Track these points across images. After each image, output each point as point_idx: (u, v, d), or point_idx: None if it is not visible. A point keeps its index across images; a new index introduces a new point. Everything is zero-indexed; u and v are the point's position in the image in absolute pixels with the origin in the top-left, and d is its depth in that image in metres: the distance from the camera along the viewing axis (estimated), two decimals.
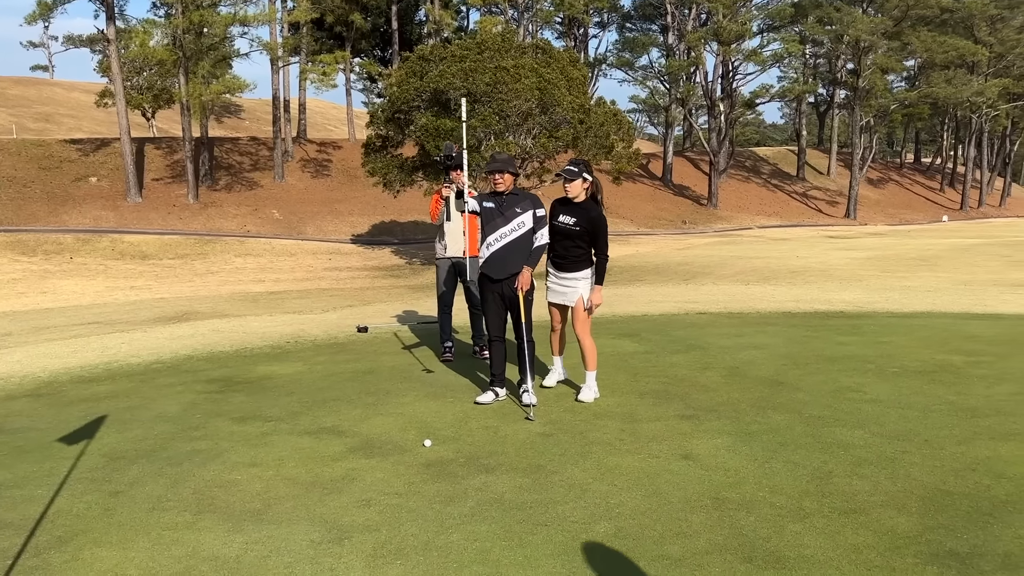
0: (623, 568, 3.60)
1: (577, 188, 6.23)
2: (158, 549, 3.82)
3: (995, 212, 64.78)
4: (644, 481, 4.62)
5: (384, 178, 30.09)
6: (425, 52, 29.33)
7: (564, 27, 56.22)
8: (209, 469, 4.89)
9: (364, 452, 5.16)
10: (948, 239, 36.92)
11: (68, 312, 20.31)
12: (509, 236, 6.08)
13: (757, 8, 51.74)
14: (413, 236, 39.66)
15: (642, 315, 10.66)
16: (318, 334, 9.64)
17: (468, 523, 4.08)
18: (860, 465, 4.82)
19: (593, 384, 6.40)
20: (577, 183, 6.21)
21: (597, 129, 26.18)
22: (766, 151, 68.80)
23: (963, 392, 6.45)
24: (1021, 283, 17.16)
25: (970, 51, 54.78)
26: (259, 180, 43.61)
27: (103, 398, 6.70)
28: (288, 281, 29.23)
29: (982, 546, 3.75)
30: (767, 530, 3.95)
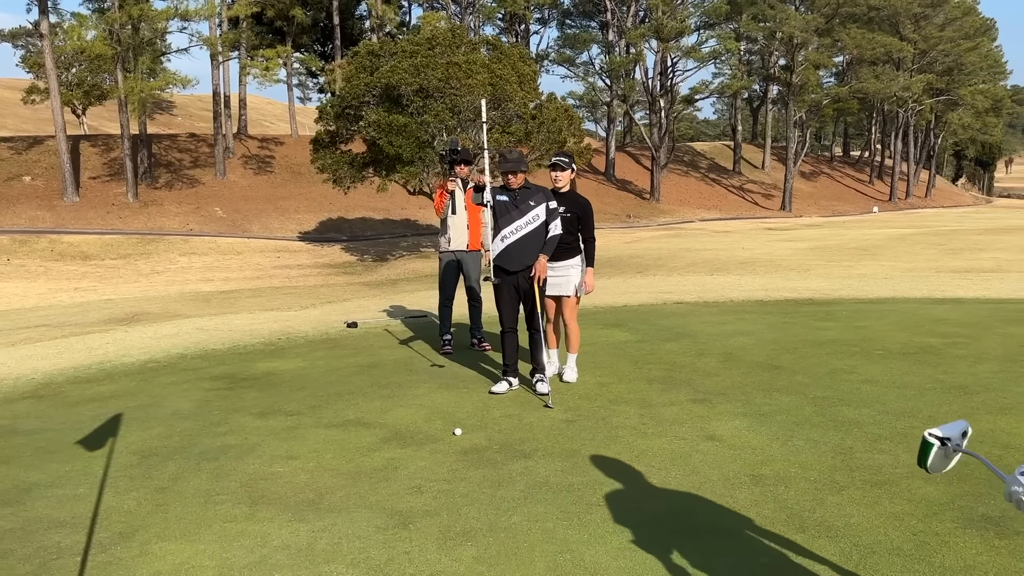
0: (684, 541, 3.76)
1: (566, 178, 6.69)
2: (225, 541, 3.85)
3: (922, 203, 67.18)
4: (678, 462, 4.80)
5: (334, 174, 29.78)
6: (375, 47, 29.16)
7: (506, 23, 56.33)
8: (248, 463, 4.91)
9: (398, 442, 5.24)
10: (883, 229, 38.19)
11: (12, 315, 19.65)
12: (524, 229, 6.22)
13: (694, 5, 52.60)
14: (362, 233, 39.37)
15: (622, 306, 10.89)
16: (307, 330, 9.61)
17: (524, 505, 4.20)
18: (877, 441, 5.09)
19: (574, 365, 6.79)
20: (567, 173, 6.69)
21: (549, 124, 26.40)
22: (703, 146, 70.06)
23: (949, 371, 6.80)
24: (962, 269, 17.91)
25: (896, 47, 56.74)
26: (200, 177, 42.73)
27: (108, 398, 6.61)
28: (238, 280, 28.76)
29: (1010, 509, 4.01)
30: (810, 502, 4.17)
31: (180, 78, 37.59)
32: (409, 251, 34.63)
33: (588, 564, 3.56)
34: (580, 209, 6.63)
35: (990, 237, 29.58)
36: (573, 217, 6.60)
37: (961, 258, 21.86)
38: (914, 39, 59.63)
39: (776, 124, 70.20)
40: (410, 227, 41.20)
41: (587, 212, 6.68)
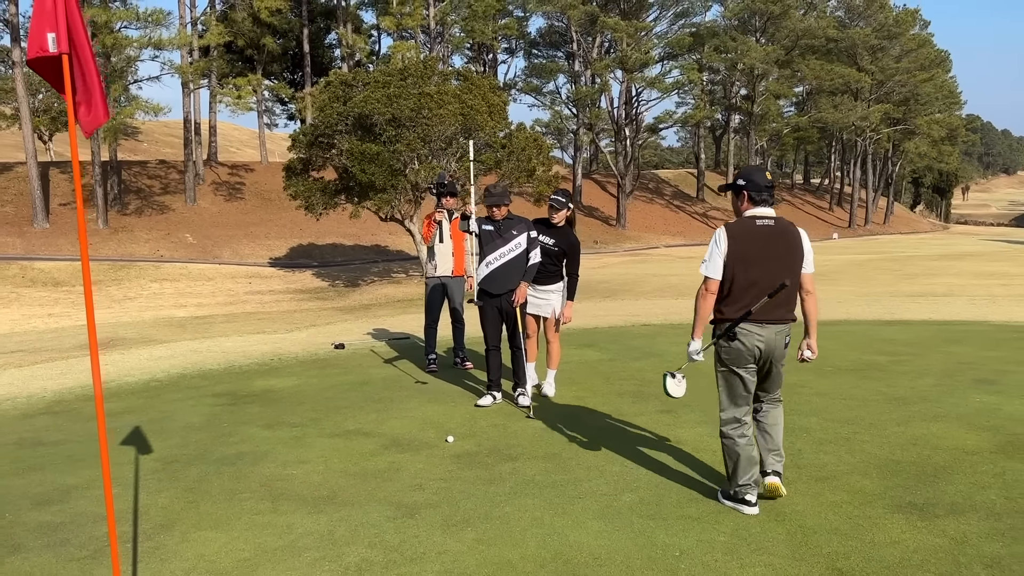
0: (655, 525, 4.38)
1: (562, 216, 7.27)
2: (256, 529, 4.40)
3: (880, 229, 69.03)
4: (649, 462, 5.43)
5: (307, 201, 30.18)
6: (348, 78, 29.78)
7: (474, 52, 57.38)
8: (263, 467, 5.45)
9: (396, 448, 5.81)
10: (841, 255, 39.40)
11: None
12: (507, 256, 6.85)
13: (658, 37, 54.05)
14: (333, 258, 39.77)
15: (593, 327, 11.55)
16: (297, 351, 10.14)
17: (514, 498, 4.80)
18: (822, 444, 5.76)
19: (553, 380, 7.47)
20: (563, 212, 7.26)
21: (519, 153, 27.16)
22: (667, 173, 71.49)
23: (892, 385, 7.53)
24: (915, 294, 18.85)
25: (854, 78, 58.67)
26: (170, 204, 42.92)
27: (120, 413, 7.10)
28: (211, 305, 29.01)
29: (933, 498, 4.69)
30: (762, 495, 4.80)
31: (152, 106, 37.86)
32: (380, 276, 35.10)
33: (572, 543, 4.16)
34: (568, 247, 7.23)
35: (944, 263, 30.76)
36: (560, 252, 7.23)
37: (915, 283, 22.86)
38: (871, 70, 61.64)
39: (738, 152, 71.82)
40: (381, 253, 41.70)
41: (575, 250, 7.28)
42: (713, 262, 4.56)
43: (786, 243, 4.60)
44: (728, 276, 4.53)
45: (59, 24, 2.51)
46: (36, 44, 2.55)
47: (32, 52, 2.57)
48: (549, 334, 7.42)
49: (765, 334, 4.58)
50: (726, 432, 4.71)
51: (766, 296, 4.46)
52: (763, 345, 4.62)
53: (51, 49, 2.57)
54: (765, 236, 4.55)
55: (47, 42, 2.56)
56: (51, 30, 2.54)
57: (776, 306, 4.54)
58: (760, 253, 4.52)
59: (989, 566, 3.82)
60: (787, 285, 4.47)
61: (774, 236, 4.56)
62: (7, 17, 37.43)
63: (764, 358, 4.69)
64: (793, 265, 4.58)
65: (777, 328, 4.61)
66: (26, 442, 6.27)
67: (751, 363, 4.66)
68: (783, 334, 4.67)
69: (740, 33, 55.54)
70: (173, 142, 72.60)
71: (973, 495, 4.72)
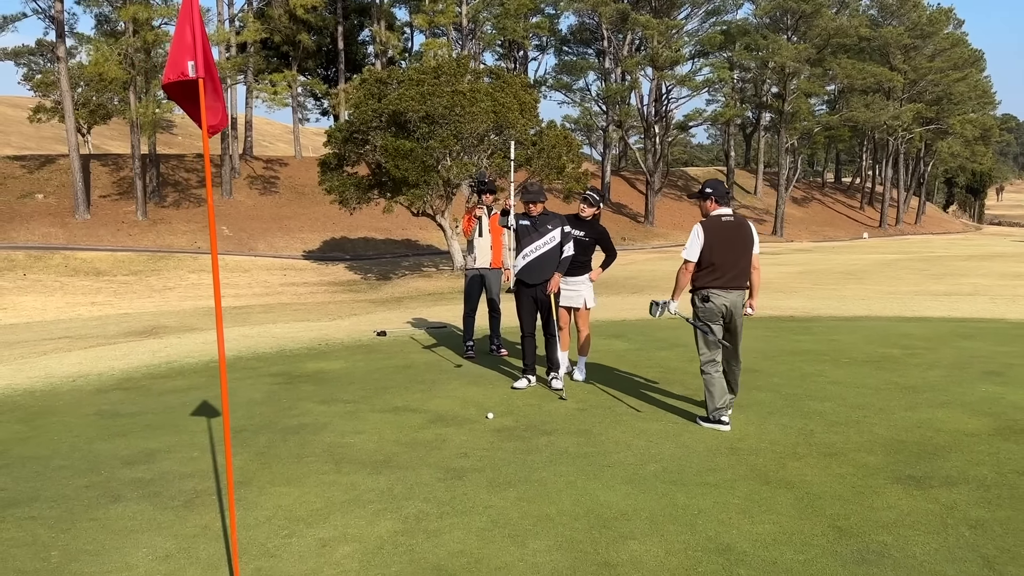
0: (676, 490, 4.91)
1: (591, 212, 7.96)
2: (324, 486, 4.99)
3: (911, 229, 68.69)
4: (671, 439, 5.96)
5: (341, 196, 30.93)
6: (383, 75, 30.48)
7: (505, 50, 57.87)
8: (323, 436, 6.05)
9: (442, 423, 6.39)
10: (870, 255, 39.50)
11: (35, 327, 20.68)
12: (542, 248, 7.41)
13: (688, 35, 54.27)
14: (364, 252, 40.52)
15: (621, 320, 12.08)
16: (342, 337, 10.77)
17: (550, 465, 5.35)
18: (833, 426, 6.25)
19: (584, 366, 8.05)
20: (593, 209, 7.98)
21: (549, 151, 27.68)
22: (696, 171, 71.61)
23: (904, 375, 7.99)
24: (941, 293, 19.14)
25: (886, 77, 58.44)
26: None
27: (186, 390, 7.75)
28: (248, 296, 29.81)
29: (930, 472, 5.19)
30: (774, 466, 5.33)
31: None
32: (411, 270, 35.77)
33: (602, 502, 4.71)
34: (598, 234, 7.94)
35: (973, 263, 30.80)
36: (591, 241, 7.89)
37: (942, 283, 23.06)
38: (904, 69, 61.36)
39: (768, 150, 71.81)
40: (411, 247, 42.43)
41: (605, 235, 8.02)
42: (692, 249, 6.22)
43: (742, 234, 6.29)
44: (704, 258, 6.18)
45: (197, 53, 3.09)
46: (176, 70, 3.13)
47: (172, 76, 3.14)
48: (581, 323, 7.98)
49: (730, 297, 6.22)
50: (705, 370, 6.31)
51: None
52: (728, 304, 6.23)
53: (191, 74, 3.15)
54: (728, 229, 6.27)
55: (187, 68, 3.15)
56: (191, 58, 3.12)
57: (735, 277, 6.22)
58: (725, 241, 6.21)
59: (973, 527, 4.32)
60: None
61: (734, 228, 6.28)
62: (52, 14, 38.47)
63: (728, 315, 6.28)
64: (747, 249, 6.28)
65: (737, 292, 6.27)
66: (105, 413, 6.93)
67: (719, 320, 6.28)
68: (742, 297, 6.33)
69: (771, 31, 55.60)
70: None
71: (967, 470, 5.20)
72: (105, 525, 4.45)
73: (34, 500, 4.84)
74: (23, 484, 5.14)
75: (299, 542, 4.19)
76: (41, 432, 6.35)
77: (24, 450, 5.87)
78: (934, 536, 4.21)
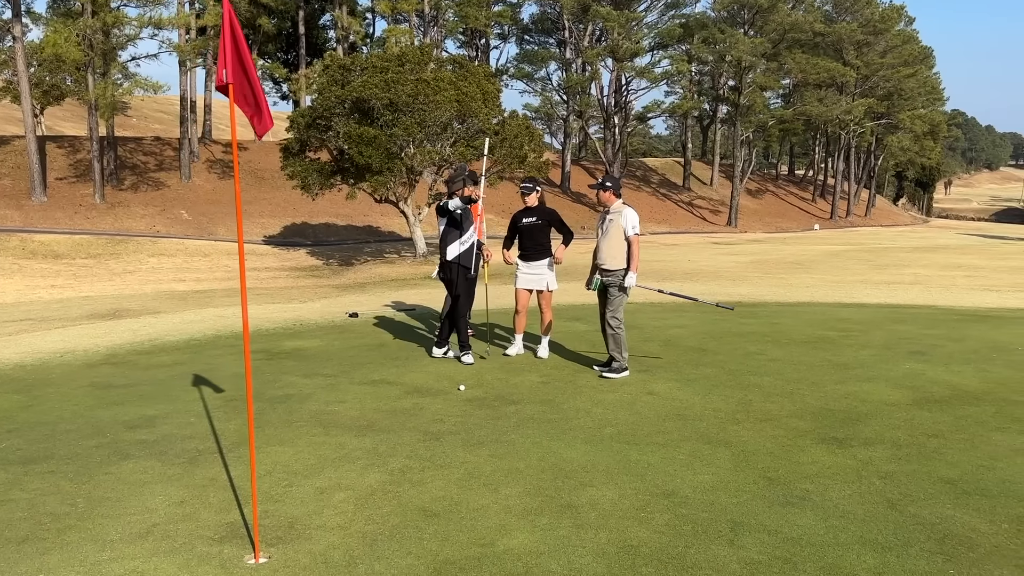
0: (629, 448, 5.56)
1: (534, 199, 8.56)
2: (315, 446, 5.55)
3: (861, 222, 70.57)
4: (626, 407, 6.62)
5: (303, 181, 31.14)
6: (346, 62, 30.72)
7: (467, 37, 58.21)
8: (309, 405, 6.60)
9: (418, 394, 6.98)
10: (820, 246, 40.76)
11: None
12: (471, 239, 8.16)
13: (648, 27, 55.12)
14: (326, 238, 40.72)
15: (582, 304, 12.73)
16: (316, 319, 11.27)
17: (518, 429, 5.97)
18: (770, 396, 6.96)
19: (546, 345, 8.61)
20: (534, 195, 8.56)
21: (512, 140, 28.23)
22: (654, 162, 72.68)
23: (837, 355, 8.75)
24: (881, 282, 20.15)
25: (840, 72, 59.91)
26: (165, 180, 43.69)
27: (172, 364, 8.23)
28: (210, 280, 29.94)
29: (851, 435, 5.90)
30: (716, 429, 6.01)
31: (152, 83, 38.54)
32: (373, 256, 36.10)
33: (565, 458, 5.34)
34: (549, 216, 8.53)
35: (917, 255, 32.07)
36: (544, 224, 8.46)
37: (885, 273, 24.15)
38: (857, 65, 62.91)
39: (724, 142, 73.12)
40: (373, 234, 42.70)
41: (555, 216, 8.60)
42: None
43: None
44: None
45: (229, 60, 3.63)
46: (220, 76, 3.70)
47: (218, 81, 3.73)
48: (544, 305, 8.53)
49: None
50: (621, 327, 7.66)
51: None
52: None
53: (224, 80, 3.70)
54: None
55: (223, 75, 3.70)
56: (224, 67, 3.66)
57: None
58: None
59: (883, 478, 5.03)
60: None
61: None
62: None
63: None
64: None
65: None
66: (99, 385, 7.39)
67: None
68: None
69: (729, 25, 56.66)
70: (163, 118, 73.01)
71: (884, 433, 5.93)
72: (120, 478, 4.97)
73: (50, 458, 5.33)
74: (36, 445, 5.61)
75: (298, 491, 4.75)
76: (41, 401, 6.80)
77: (29, 416, 6.33)
78: (849, 485, 4.91)
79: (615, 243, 7.71)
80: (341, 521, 4.32)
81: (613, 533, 4.18)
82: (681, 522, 4.33)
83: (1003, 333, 10.11)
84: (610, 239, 7.74)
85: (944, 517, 4.42)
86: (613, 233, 7.73)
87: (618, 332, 7.67)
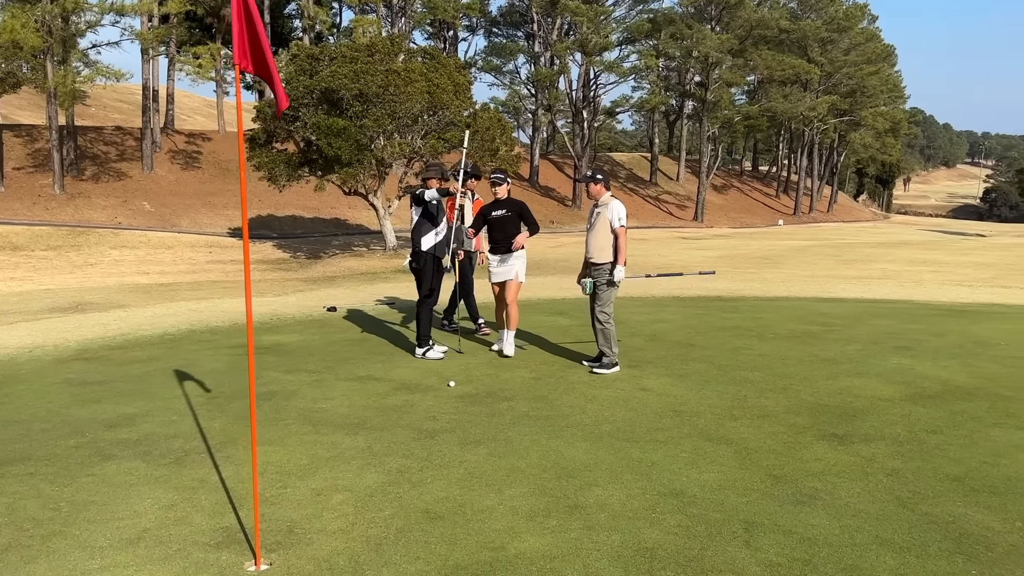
0: (630, 446, 5.44)
1: (504, 190, 8.48)
2: (307, 445, 5.35)
3: (824, 217, 71.42)
4: (621, 403, 6.50)
5: (270, 173, 30.67)
6: (315, 51, 30.29)
7: (435, 29, 57.75)
8: (296, 402, 6.39)
9: (407, 390, 6.79)
10: (786, 241, 41.12)
11: None
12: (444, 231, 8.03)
13: (617, 21, 55.13)
14: (292, 231, 40.21)
15: (561, 298, 12.62)
16: (293, 313, 11.01)
17: (515, 426, 5.82)
18: (763, 392, 6.89)
19: (511, 340, 8.33)
20: (504, 186, 8.48)
21: (484, 133, 28.02)
22: (622, 156, 72.83)
23: (824, 349, 8.72)
24: (851, 277, 20.29)
25: (804, 69, 60.46)
26: (127, 171, 42.83)
27: (147, 360, 7.95)
28: (174, 273, 29.38)
29: (851, 431, 5.84)
30: (714, 426, 5.91)
31: (114, 71, 37.66)
32: (342, 249, 35.70)
33: (566, 457, 5.20)
34: (519, 208, 8.42)
35: (881, 250, 32.43)
36: (515, 216, 8.36)
37: (853, 268, 24.35)
38: (821, 62, 63.52)
39: (690, 138, 73.48)
40: (341, 226, 42.24)
41: (525, 209, 8.48)
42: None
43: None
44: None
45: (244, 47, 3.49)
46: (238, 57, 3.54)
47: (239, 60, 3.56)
48: (509, 296, 8.27)
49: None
50: (610, 322, 7.57)
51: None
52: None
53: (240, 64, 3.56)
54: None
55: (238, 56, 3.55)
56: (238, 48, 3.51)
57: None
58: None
59: (889, 475, 4.96)
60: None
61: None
62: None
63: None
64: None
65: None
66: (73, 381, 7.10)
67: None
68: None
69: (696, 21, 56.88)
70: (122, 108, 71.50)
71: (883, 429, 5.87)
72: (104, 480, 4.73)
73: (27, 459, 5.07)
74: (11, 445, 5.35)
75: (294, 492, 4.56)
76: (13, 399, 6.51)
77: (1, 414, 6.05)
78: (856, 483, 4.83)
79: (602, 235, 7.60)
80: (342, 524, 4.14)
81: (626, 535, 4.05)
82: (693, 523, 4.22)
83: (983, 328, 10.17)
84: (597, 232, 7.62)
85: (957, 515, 4.36)
86: (600, 226, 7.62)
87: (607, 327, 7.56)
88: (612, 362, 7.56)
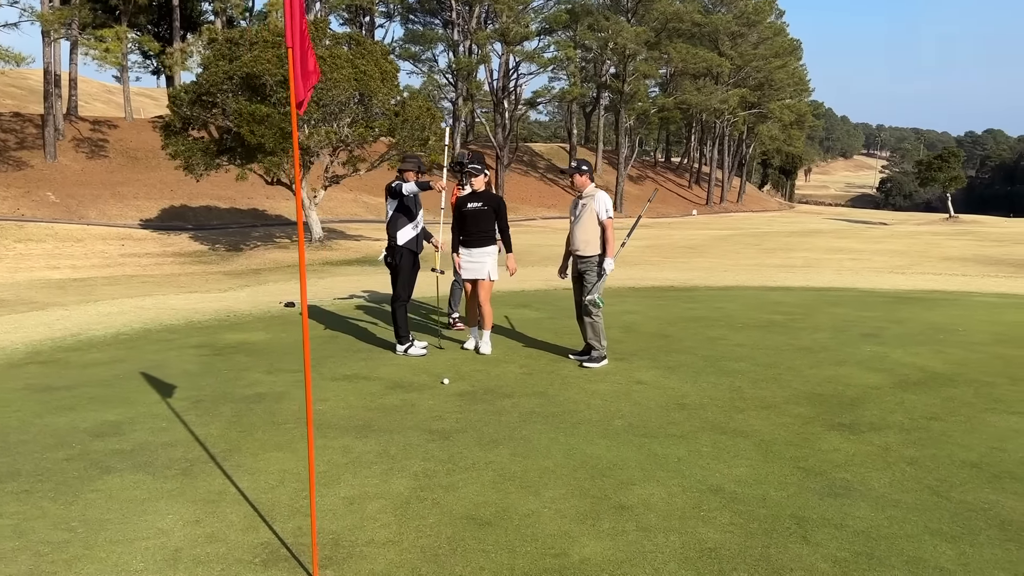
0: (649, 441, 5.36)
1: (482, 182, 8.14)
2: (318, 451, 5.07)
3: (734, 207, 73.32)
4: (623, 397, 6.42)
5: (187, 162, 29.48)
6: (234, 35, 29.24)
7: (351, 15, 56.65)
8: (288, 404, 6.08)
9: (401, 389, 6.56)
10: (704, 231, 42.00)
11: None
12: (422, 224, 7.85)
13: (535, 11, 55.16)
14: (208, 222, 38.84)
15: (520, 290, 12.50)
16: (248, 309, 10.55)
17: (526, 424, 5.67)
18: (756, 383, 6.92)
19: (488, 340, 8.10)
20: (481, 178, 8.14)
21: (413, 122, 27.60)
22: (541, 147, 73.12)
23: (795, 338, 8.85)
24: (782, 265, 20.81)
25: (716, 63, 61.83)
26: (28, 160, 40.58)
27: (110, 362, 7.46)
28: (87, 268, 28.00)
29: (856, 420, 5.91)
30: (723, 418, 5.89)
31: (14, 55, 35.55)
32: (263, 241, 34.68)
33: (590, 454, 5.09)
34: (495, 203, 8.10)
35: (797, 239, 33.43)
36: (489, 210, 8.02)
37: (776, 256, 25.02)
38: (731, 55, 65.07)
39: (606, 129, 74.25)
40: (259, 217, 41.03)
41: (501, 206, 8.17)
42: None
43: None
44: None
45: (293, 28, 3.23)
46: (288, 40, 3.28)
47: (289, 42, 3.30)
48: (481, 295, 7.99)
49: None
50: (599, 315, 7.46)
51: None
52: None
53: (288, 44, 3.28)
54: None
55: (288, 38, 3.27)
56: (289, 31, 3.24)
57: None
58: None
59: (910, 464, 5.02)
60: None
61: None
62: None
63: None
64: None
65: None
66: (35, 387, 6.60)
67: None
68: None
69: (613, 12, 57.43)
70: (15, 93, 67.78)
71: (885, 417, 5.96)
72: (111, 495, 4.38)
73: (17, 475, 4.66)
74: None
75: (324, 502, 4.31)
76: None
77: None
78: (883, 472, 4.88)
79: (589, 228, 7.50)
80: (389, 535, 3.92)
81: (684, 536, 3.97)
82: (745, 520, 4.16)
83: (936, 315, 10.52)
84: (583, 224, 7.52)
85: (991, 502, 4.43)
86: (586, 218, 7.51)
87: (596, 320, 7.48)
88: (601, 355, 7.49)
